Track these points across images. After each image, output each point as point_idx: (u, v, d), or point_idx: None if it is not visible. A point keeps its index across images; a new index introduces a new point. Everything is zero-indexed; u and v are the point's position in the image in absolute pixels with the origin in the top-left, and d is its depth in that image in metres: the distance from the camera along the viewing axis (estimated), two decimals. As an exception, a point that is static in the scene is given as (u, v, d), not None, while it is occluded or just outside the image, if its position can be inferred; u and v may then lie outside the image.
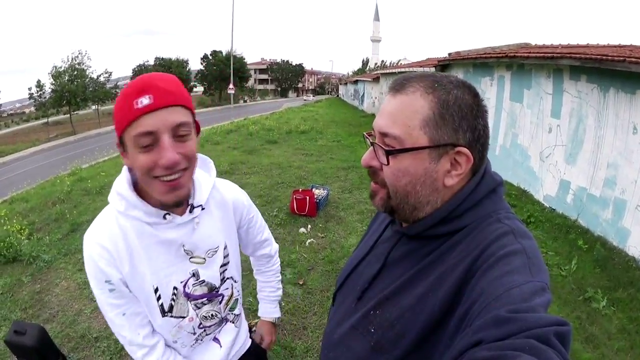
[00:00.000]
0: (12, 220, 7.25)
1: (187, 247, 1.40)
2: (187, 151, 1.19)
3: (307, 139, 16.40)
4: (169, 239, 1.35)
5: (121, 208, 1.30)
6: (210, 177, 1.51)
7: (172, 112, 1.15)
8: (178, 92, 1.18)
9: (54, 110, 51.23)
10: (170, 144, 1.14)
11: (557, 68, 7.69)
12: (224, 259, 1.54)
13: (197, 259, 1.44)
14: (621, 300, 4.75)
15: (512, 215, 1.00)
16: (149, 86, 1.13)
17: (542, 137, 8.29)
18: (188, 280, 1.43)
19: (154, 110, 1.12)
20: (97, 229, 1.33)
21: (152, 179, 1.18)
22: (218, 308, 1.58)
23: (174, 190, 1.21)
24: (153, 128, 1.12)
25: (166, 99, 1.14)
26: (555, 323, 0.68)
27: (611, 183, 6.36)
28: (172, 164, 1.14)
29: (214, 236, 1.49)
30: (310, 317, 4.25)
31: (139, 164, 1.16)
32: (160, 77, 1.18)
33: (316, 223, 6.87)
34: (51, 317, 4.39)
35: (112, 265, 1.30)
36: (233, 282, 1.61)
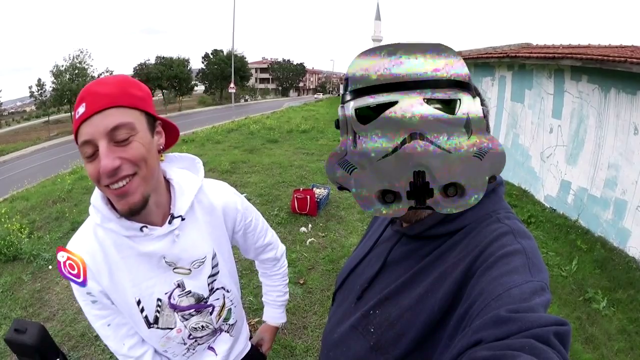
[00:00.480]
0: (12, 218, 7.26)
1: (168, 259, 1.33)
2: (130, 155, 1.11)
3: (308, 138, 16.39)
4: (148, 251, 1.28)
5: (98, 221, 1.25)
6: (197, 178, 1.43)
7: (107, 115, 1.08)
8: (116, 93, 1.11)
9: (55, 109, 51.21)
10: (108, 149, 1.08)
11: (558, 68, 7.69)
12: (212, 269, 1.45)
13: (182, 270, 1.37)
14: (621, 301, 4.75)
15: (511, 215, 0.99)
16: (86, 94, 1.10)
17: (543, 138, 8.30)
18: (173, 291, 1.37)
19: (88, 117, 1.08)
20: (76, 242, 1.29)
21: (103, 187, 1.13)
22: (209, 319, 1.51)
23: (123, 197, 1.14)
24: (88, 136, 1.08)
25: (98, 103, 1.08)
26: (554, 323, 0.67)
27: (612, 184, 6.36)
28: (109, 171, 1.07)
29: (199, 246, 1.40)
30: (310, 317, 4.25)
31: (89, 175, 1.12)
32: (100, 82, 1.14)
33: (317, 222, 6.86)
34: (51, 316, 4.39)
35: (91, 278, 1.26)
36: (225, 292, 1.53)
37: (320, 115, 27.41)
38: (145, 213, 1.22)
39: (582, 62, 6.63)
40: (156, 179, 1.24)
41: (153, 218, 1.28)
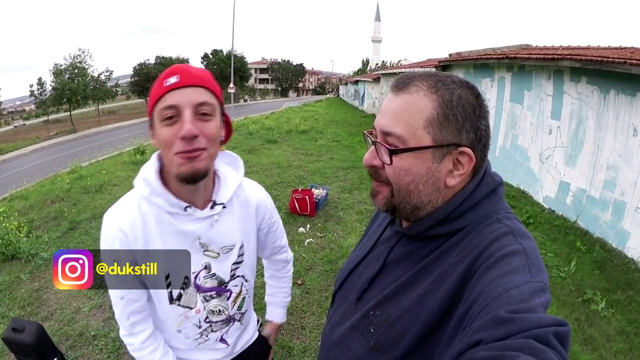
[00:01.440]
0: (11, 217, 7.24)
1: (202, 241, 1.42)
2: (207, 131, 1.24)
3: (307, 138, 16.41)
4: (186, 230, 1.38)
5: (145, 193, 1.35)
6: (237, 175, 1.56)
7: (196, 91, 1.23)
8: (205, 78, 1.27)
9: (55, 108, 51.22)
10: (191, 118, 1.21)
11: (557, 69, 7.70)
12: (238, 257, 1.56)
13: (211, 253, 1.46)
14: (620, 302, 4.75)
15: (511, 216, 1.00)
16: (179, 69, 1.25)
17: (542, 139, 8.30)
18: (200, 272, 1.46)
19: (179, 87, 1.21)
20: (118, 211, 1.38)
21: (172, 155, 1.23)
22: (226, 304, 1.59)
23: (191, 161, 1.23)
24: (175, 102, 1.20)
25: (191, 79, 1.23)
26: (554, 323, 0.68)
27: (611, 185, 6.36)
28: (189, 135, 1.19)
29: (231, 234, 1.51)
30: (308, 317, 4.25)
31: (162, 138, 1.23)
32: (189, 66, 1.30)
33: (315, 223, 6.87)
34: (49, 315, 4.39)
35: (124, 247, 1.34)
36: (243, 281, 1.63)
37: (319, 116, 27.48)
38: (193, 191, 1.37)
39: (582, 64, 6.63)
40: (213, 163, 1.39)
41: (197, 200, 1.40)
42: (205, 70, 1.33)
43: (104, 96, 51.17)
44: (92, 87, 49.08)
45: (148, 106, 1.32)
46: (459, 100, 0.94)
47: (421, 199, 1.00)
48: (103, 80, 51.22)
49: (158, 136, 1.25)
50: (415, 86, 0.97)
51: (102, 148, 20.42)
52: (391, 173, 1.00)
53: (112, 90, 53.87)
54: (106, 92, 51.31)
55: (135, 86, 60.47)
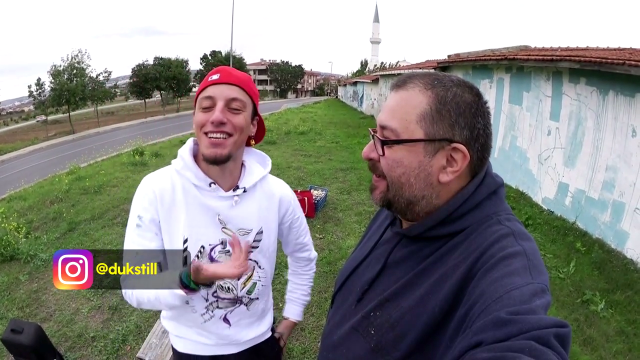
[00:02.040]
0: (9, 218, 7.23)
1: (221, 217, 1.60)
2: (235, 121, 1.49)
3: (306, 139, 16.42)
4: (208, 205, 1.58)
5: (178, 167, 1.59)
6: (263, 170, 1.75)
7: (231, 88, 1.49)
8: (242, 79, 1.53)
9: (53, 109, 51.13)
10: (222, 108, 1.46)
11: (556, 71, 7.70)
12: (254, 242, 1.69)
13: (228, 231, 1.62)
14: (619, 302, 4.76)
15: (512, 217, 1.00)
16: (222, 70, 1.55)
17: (541, 140, 8.30)
18: (216, 245, 1.61)
19: (218, 83, 1.49)
20: (154, 176, 1.62)
21: (202, 134, 1.49)
22: (235, 283, 1.71)
23: (215, 147, 1.47)
24: (213, 94, 1.48)
25: (229, 78, 1.51)
26: (555, 325, 0.68)
27: (610, 186, 6.37)
28: (217, 121, 1.44)
29: (249, 219, 1.66)
30: (307, 318, 4.23)
31: (197, 120, 1.49)
32: (234, 69, 1.58)
33: (314, 224, 6.86)
34: (48, 316, 4.38)
35: (152, 205, 1.55)
36: (257, 267, 1.75)
37: (318, 117, 27.48)
38: (219, 172, 1.59)
39: (581, 65, 6.63)
40: (239, 153, 1.62)
41: (222, 182, 1.61)
42: (245, 74, 1.59)
43: (102, 97, 51.05)
44: (90, 87, 49.02)
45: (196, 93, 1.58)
46: (454, 97, 0.97)
47: (414, 193, 1.01)
48: (102, 81, 51.11)
49: (195, 118, 1.51)
50: (413, 83, 1.01)
51: (101, 149, 20.39)
52: (384, 165, 1.03)
53: (111, 91, 53.80)
54: (105, 93, 51.21)
55: (134, 87, 60.23)
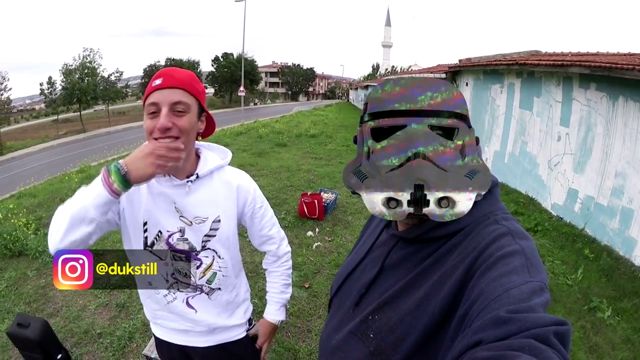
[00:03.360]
0: (19, 214, 7.30)
1: (177, 206, 1.66)
2: (180, 124, 1.52)
3: (317, 142, 16.39)
4: (164, 192, 1.64)
5: None
6: (222, 161, 1.79)
7: (174, 92, 1.52)
8: (184, 80, 1.55)
9: (64, 108, 51.33)
10: (167, 114, 1.49)
11: (566, 76, 7.67)
12: (210, 231, 1.73)
13: (185, 220, 1.68)
14: (626, 310, 4.72)
15: (509, 216, 1.02)
16: (164, 73, 1.55)
17: (551, 145, 8.27)
18: (174, 233, 1.68)
19: (161, 88, 1.51)
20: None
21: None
22: (194, 272, 1.75)
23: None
24: (157, 100, 1.50)
25: (171, 82, 1.52)
26: (554, 323, 0.68)
27: (619, 192, 6.33)
28: (162, 127, 1.47)
29: (205, 207, 1.71)
30: (314, 320, 4.24)
31: (145, 126, 1.51)
32: (175, 69, 1.59)
33: (324, 227, 6.87)
34: (55, 312, 4.42)
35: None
36: (215, 256, 1.77)
37: (329, 120, 27.46)
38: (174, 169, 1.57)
39: (591, 70, 6.61)
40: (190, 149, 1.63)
41: (178, 174, 1.66)
42: (189, 73, 1.62)
43: (114, 96, 51.26)
44: (102, 87, 49.20)
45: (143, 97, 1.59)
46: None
47: None
48: (113, 81, 51.30)
49: (144, 125, 1.53)
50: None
51: (112, 148, 20.50)
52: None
53: (122, 91, 54.01)
54: (116, 93, 51.41)
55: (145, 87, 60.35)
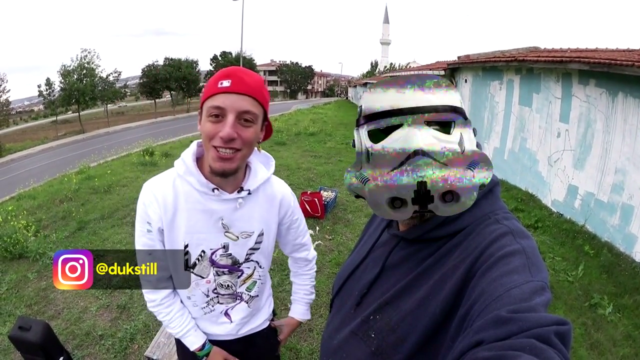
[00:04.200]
0: (19, 216, 7.29)
1: (224, 222, 1.59)
2: (245, 136, 1.41)
3: (316, 140, 16.43)
4: (211, 209, 1.56)
5: (181, 171, 1.54)
6: (267, 172, 1.70)
7: (243, 100, 1.39)
8: (255, 87, 1.42)
9: (63, 109, 51.26)
10: (233, 123, 1.37)
11: (566, 72, 7.67)
12: (255, 244, 1.70)
13: (231, 235, 1.62)
14: (627, 306, 4.73)
15: (509, 216, 1.01)
16: (233, 74, 1.41)
17: (551, 142, 8.27)
18: (217, 250, 1.62)
19: (230, 92, 1.38)
20: (156, 182, 1.58)
21: (211, 146, 1.41)
22: (235, 281, 1.73)
23: (224, 161, 1.42)
24: (223, 105, 1.37)
25: (243, 87, 1.39)
26: (555, 322, 0.68)
27: (619, 189, 6.34)
28: (227, 137, 1.36)
29: (252, 222, 1.66)
30: (316, 319, 4.24)
31: (205, 130, 1.40)
32: (245, 72, 1.45)
33: (324, 225, 6.87)
34: (56, 314, 4.41)
35: (156, 213, 1.54)
36: (257, 266, 1.77)
37: (328, 118, 27.46)
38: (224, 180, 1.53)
39: (590, 66, 6.60)
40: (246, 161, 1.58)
41: (226, 186, 1.57)
42: (259, 79, 1.48)
43: (112, 97, 51.17)
44: (100, 88, 49.11)
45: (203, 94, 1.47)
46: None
47: None
48: (111, 81, 51.21)
49: (202, 127, 1.42)
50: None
51: (111, 149, 20.45)
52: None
53: (121, 91, 53.91)
54: (115, 93, 51.30)
55: (144, 87, 60.22)
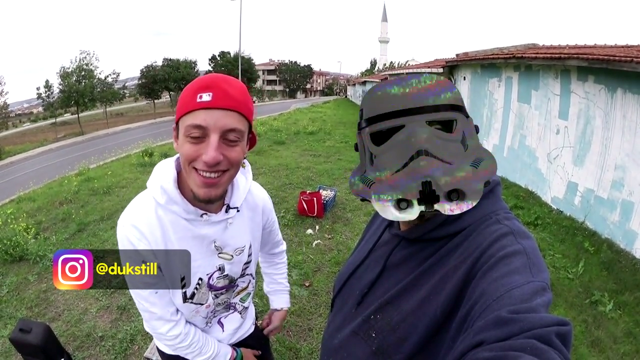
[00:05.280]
0: (19, 219, 7.31)
1: (217, 244, 1.50)
2: (232, 156, 1.25)
3: (315, 140, 16.43)
4: (202, 234, 1.44)
5: (162, 201, 1.36)
6: (247, 181, 1.59)
7: (229, 116, 1.21)
8: (240, 99, 1.24)
9: (62, 111, 51.27)
10: (217, 144, 1.20)
11: (564, 69, 7.67)
12: (248, 257, 1.65)
13: (226, 255, 1.54)
14: (627, 303, 4.73)
15: (510, 216, 1.01)
16: (215, 86, 1.21)
17: (550, 139, 8.27)
18: (214, 273, 1.54)
19: (212, 108, 1.19)
20: (136, 215, 1.38)
21: (192, 169, 1.24)
22: (230, 295, 1.70)
23: (209, 187, 1.26)
24: (204, 123, 1.18)
25: (226, 101, 1.20)
26: (556, 323, 0.68)
27: (619, 185, 6.34)
28: (213, 162, 1.20)
29: (242, 236, 1.59)
30: (315, 319, 4.24)
31: (184, 152, 1.23)
32: (227, 81, 1.25)
33: (323, 224, 6.87)
34: (57, 316, 4.41)
35: (148, 251, 1.37)
36: (251, 278, 1.75)
37: (327, 117, 27.46)
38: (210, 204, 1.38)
39: (589, 63, 6.60)
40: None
41: (212, 208, 1.45)
42: (241, 86, 1.29)
43: (111, 98, 51.15)
44: (99, 89, 49.09)
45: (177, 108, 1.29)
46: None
47: None
48: (110, 82, 51.19)
49: (181, 148, 1.25)
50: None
51: (110, 150, 20.43)
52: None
53: (120, 92, 53.89)
54: (114, 94, 51.30)
55: (142, 88, 60.23)
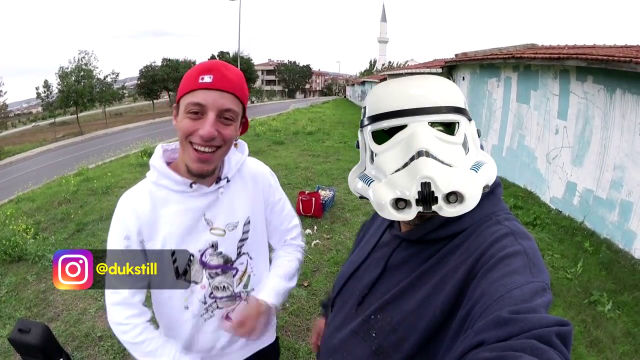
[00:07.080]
0: (17, 219, 7.30)
1: (207, 216, 1.53)
2: (226, 134, 1.38)
3: (314, 140, 16.44)
4: (193, 207, 1.50)
5: (153, 178, 1.49)
6: (242, 155, 1.66)
7: (224, 97, 1.35)
8: (237, 83, 1.39)
9: (61, 111, 51.22)
10: (213, 121, 1.33)
11: (563, 69, 7.67)
12: (243, 234, 1.62)
13: (217, 231, 1.55)
14: (626, 303, 4.73)
15: (511, 216, 1.02)
16: (215, 69, 1.35)
17: (549, 139, 8.28)
18: (206, 250, 1.54)
19: (211, 89, 1.33)
20: (131, 194, 1.52)
21: (188, 143, 1.37)
22: (230, 281, 1.63)
23: (202, 162, 1.38)
24: (204, 102, 1.32)
25: (225, 84, 1.34)
26: (556, 323, 0.68)
27: (618, 185, 6.34)
28: (208, 137, 1.32)
29: (236, 210, 1.60)
30: (314, 319, 4.21)
31: (183, 126, 1.35)
32: (227, 66, 1.40)
33: (322, 224, 6.87)
34: (55, 316, 4.41)
35: (136, 224, 1.45)
36: (248, 259, 1.68)
37: (326, 117, 27.47)
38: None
39: (587, 63, 6.61)
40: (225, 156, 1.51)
41: (204, 181, 1.50)
42: (239, 73, 1.44)
43: (110, 98, 51.12)
44: (98, 89, 49.04)
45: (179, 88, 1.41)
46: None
47: None
48: (109, 83, 51.14)
49: (180, 124, 1.37)
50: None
51: (109, 150, 20.40)
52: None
53: (119, 93, 53.87)
54: (113, 94, 51.26)
55: (141, 88, 60.22)
